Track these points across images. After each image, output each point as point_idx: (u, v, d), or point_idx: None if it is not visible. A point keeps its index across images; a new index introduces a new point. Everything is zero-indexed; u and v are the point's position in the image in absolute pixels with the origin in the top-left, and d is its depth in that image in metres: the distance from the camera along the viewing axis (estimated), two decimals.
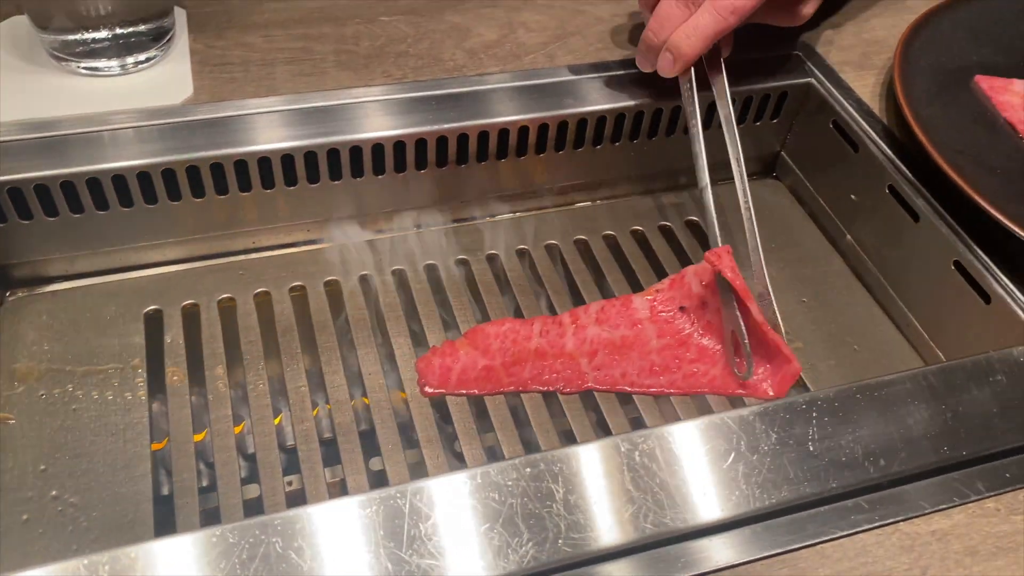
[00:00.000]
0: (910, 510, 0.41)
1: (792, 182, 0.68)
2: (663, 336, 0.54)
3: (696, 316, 0.55)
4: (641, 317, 0.55)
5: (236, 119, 0.54)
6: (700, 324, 0.55)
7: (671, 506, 0.39)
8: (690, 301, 0.55)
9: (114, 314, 0.54)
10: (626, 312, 0.55)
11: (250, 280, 0.57)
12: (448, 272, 0.59)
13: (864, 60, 0.66)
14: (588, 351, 0.54)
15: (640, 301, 0.56)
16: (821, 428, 0.42)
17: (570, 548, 0.37)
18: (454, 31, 0.64)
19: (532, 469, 0.39)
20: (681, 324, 0.55)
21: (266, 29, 0.63)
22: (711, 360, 0.54)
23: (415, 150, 0.56)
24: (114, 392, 0.50)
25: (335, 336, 0.54)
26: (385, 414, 0.51)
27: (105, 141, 0.52)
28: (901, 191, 0.57)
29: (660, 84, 0.60)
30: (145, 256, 0.56)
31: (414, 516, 0.37)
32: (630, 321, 0.55)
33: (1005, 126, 0.58)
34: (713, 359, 0.54)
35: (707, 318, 0.55)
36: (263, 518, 0.36)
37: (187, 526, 0.45)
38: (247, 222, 0.57)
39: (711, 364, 0.54)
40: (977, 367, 0.46)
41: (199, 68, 0.59)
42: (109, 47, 0.56)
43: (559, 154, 0.60)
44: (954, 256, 0.53)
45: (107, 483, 0.46)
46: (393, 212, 0.60)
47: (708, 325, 0.55)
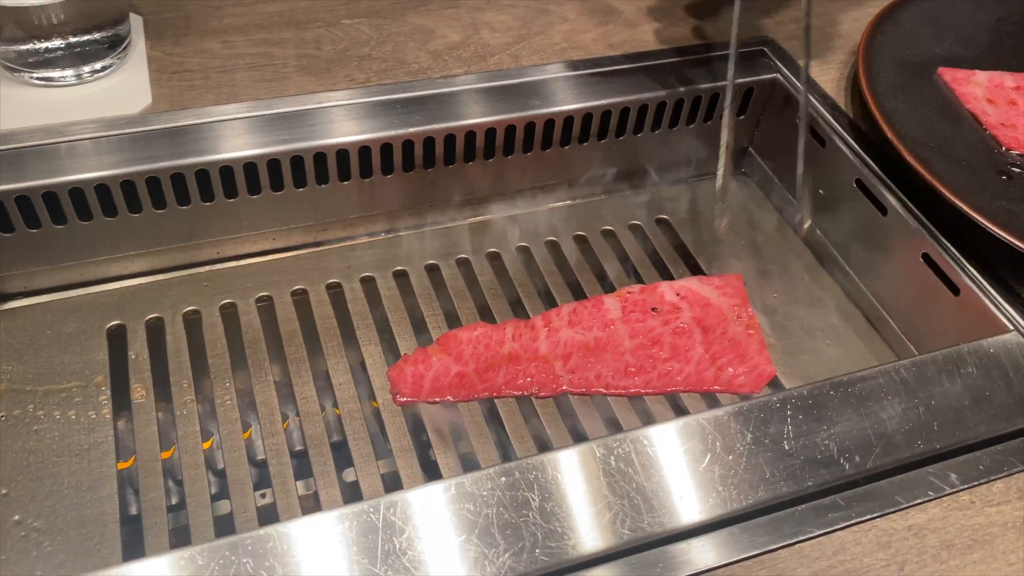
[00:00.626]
0: (886, 506, 0.41)
1: (760, 178, 0.68)
2: (636, 336, 0.54)
3: (668, 317, 0.55)
4: (613, 318, 0.55)
5: (196, 127, 0.53)
6: (672, 325, 0.55)
7: (648, 510, 0.38)
8: (662, 304, 0.55)
9: (75, 330, 0.53)
10: (598, 313, 0.55)
11: (215, 291, 0.56)
12: (418, 278, 0.58)
13: (829, 55, 0.66)
14: (562, 354, 0.53)
15: (612, 302, 0.55)
16: (796, 426, 0.42)
17: (547, 557, 0.37)
18: (417, 33, 0.63)
19: (507, 478, 0.38)
20: (653, 324, 0.55)
21: (225, 35, 0.61)
22: (685, 359, 0.54)
23: (381, 155, 0.56)
24: (77, 411, 0.49)
25: (304, 346, 0.53)
26: (357, 424, 0.50)
27: (62, 153, 0.51)
28: (868, 185, 0.57)
29: (626, 82, 0.59)
30: (106, 270, 0.55)
31: (388, 530, 0.36)
32: (602, 322, 0.54)
33: (968, 117, 0.59)
34: (687, 358, 0.54)
35: (679, 321, 0.55)
36: (233, 538, 0.35)
37: (156, 547, 0.44)
38: (210, 232, 0.56)
39: (685, 363, 0.54)
40: (948, 360, 0.46)
41: (157, 76, 0.57)
42: (63, 56, 0.55)
43: (527, 155, 0.60)
44: (923, 249, 0.53)
45: (72, 505, 0.45)
46: (360, 218, 0.59)
47: (679, 329, 0.55)
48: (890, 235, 0.56)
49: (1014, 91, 0.61)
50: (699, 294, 0.57)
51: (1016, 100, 0.60)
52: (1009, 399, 0.45)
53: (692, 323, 0.55)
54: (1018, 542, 0.41)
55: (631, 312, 0.55)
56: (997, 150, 0.56)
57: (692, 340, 0.55)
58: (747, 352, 0.54)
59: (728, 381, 0.54)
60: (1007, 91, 0.61)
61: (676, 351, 0.54)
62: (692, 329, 0.55)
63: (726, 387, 0.54)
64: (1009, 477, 0.43)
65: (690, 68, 0.62)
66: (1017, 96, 0.60)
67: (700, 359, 0.54)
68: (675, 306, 0.56)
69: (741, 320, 0.56)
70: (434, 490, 0.38)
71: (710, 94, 0.62)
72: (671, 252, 0.62)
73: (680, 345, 0.54)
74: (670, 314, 0.55)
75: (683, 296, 0.56)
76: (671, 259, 0.61)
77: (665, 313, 0.55)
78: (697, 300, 0.56)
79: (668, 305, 0.56)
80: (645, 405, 0.53)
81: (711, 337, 0.55)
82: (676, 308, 0.56)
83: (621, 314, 0.55)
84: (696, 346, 0.54)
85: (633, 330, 0.55)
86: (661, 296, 0.56)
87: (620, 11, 0.68)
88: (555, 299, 0.58)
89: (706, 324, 0.55)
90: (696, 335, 0.55)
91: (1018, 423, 0.44)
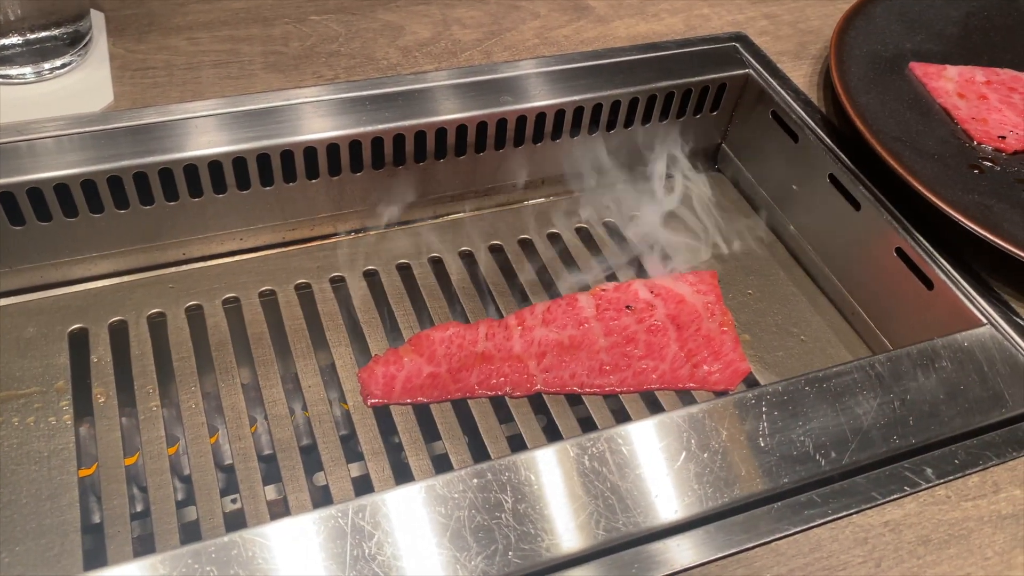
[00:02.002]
0: (862, 502, 0.41)
1: (734, 174, 0.68)
2: (610, 335, 0.54)
3: (643, 315, 0.54)
4: (587, 316, 0.54)
5: (160, 125, 0.52)
6: (647, 323, 0.54)
7: (623, 510, 0.38)
8: (636, 302, 0.55)
9: (35, 334, 0.51)
10: (572, 312, 0.54)
11: (180, 293, 0.54)
12: (389, 277, 0.57)
13: (801, 50, 0.66)
14: (536, 353, 0.53)
15: (586, 300, 0.55)
16: (771, 423, 0.42)
17: (521, 560, 0.36)
18: (387, 29, 0.62)
19: (479, 480, 0.38)
20: (627, 322, 0.54)
21: (190, 31, 0.60)
22: (659, 357, 0.53)
23: (350, 152, 0.55)
24: (37, 417, 0.47)
25: (272, 348, 0.52)
26: (327, 427, 0.49)
27: (20, 152, 0.49)
28: (841, 180, 0.57)
29: (599, 79, 0.59)
30: (67, 272, 0.54)
31: (357, 535, 0.35)
32: (577, 321, 0.54)
33: (940, 112, 0.59)
34: (662, 355, 0.53)
35: (653, 318, 0.54)
36: (196, 545, 0.34)
37: (119, 556, 0.42)
38: (175, 233, 0.54)
39: (660, 360, 0.53)
40: (923, 354, 0.46)
41: (120, 73, 0.56)
42: (22, 53, 0.53)
43: (499, 152, 0.59)
44: (896, 243, 0.53)
45: (31, 514, 0.43)
46: (329, 217, 0.58)
47: (654, 327, 0.54)
48: (863, 230, 0.55)
49: (984, 86, 0.61)
50: (673, 291, 0.56)
51: (986, 95, 0.60)
52: (983, 393, 0.45)
53: (666, 320, 0.55)
54: (994, 536, 0.40)
55: (605, 310, 0.55)
56: (968, 144, 0.56)
57: (667, 338, 0.54)
58: (722, 349, 0.54)
59: (703, 378, 0.53)
60: (977, 86, 0.61)
61: (651, 349, 0.54)
62: (666, 327, 0.54)
63: (701, 384, 0.53)
64: (984, 471, 0.43)
65: (662, 64, 0.61)
66: (987, 91, 0.60)
67: (675, 357, 0.53)
68: (649, 304, 0.55)
69: (715, 317, 0.56)
70: (404, 493, 0.37)
71: (682, 90, 0.62)
72: (646, 250, 0.61)
73: (655, 343, 0.54)
74: (644, 312, 0.55)
75: (657, 294, 0.56)
76: (651, 267, 0.61)
77: (639, 311, 0.55)
78: (671, 297, 0.56)
79: (642, 303, 0.55)
80: (620, 403, 0.52)
81: (685, 335, 0.54)
82: (650, 306, 0.55)
83: (595, 312, 0.54)
84: (671, 344, 0.54)
85: (607, 328, 0.54)
86: (635, 294, 0.56)
87: (592, 7, 0.67)
88: (529, 298, 0.57)
89: (680, 321, 0.55)
90: (671, 333, 0.54)
91: (992, 417, 0.44)
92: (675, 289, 0.56)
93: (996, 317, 0.48)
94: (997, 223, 0.50)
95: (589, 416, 0.52)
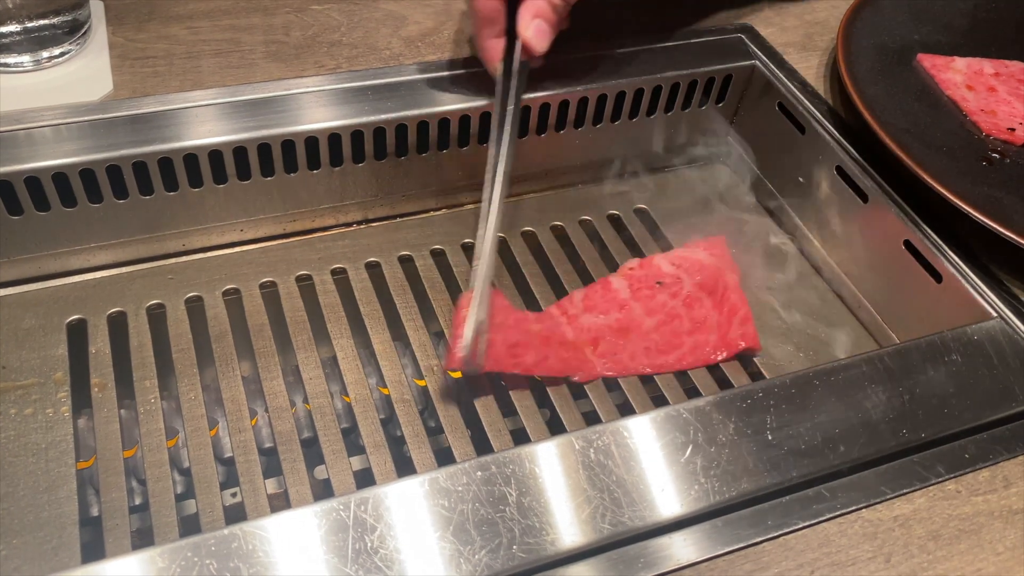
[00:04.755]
0: (872, 496, 0.40)
1: (739, 166, 0.67)
2: (653, 313, 0.54)
3: (675, 288, 0.55)
4: (625, 298, 0.54)
5: (160, 115, 0.51)
6: (681, 295, 0.54)
7: (629, 504, 0.37)
8: (663, 277, 0.55)
9: (33, 326, 0.51)
10: (609, 295, 0.54)
11: (180, 284, 0.54)
12: (391, 269, 0.56)
13: (807, 41, 0.65)
14: (589, 340, 0.52)
15: (618, 281, 0.55)
16: (779, 416, 0.41)
17: (525, 554, 0.35)
18: (389, 19, 0.62)
19: (483, 472, 0.37)
20: (663, 299, 0.54)
21: (190, 20, 0.60)
22: (706, 329, 0.54)
23: (351, 143, 0.54)
24: (35, 408, 0.47)
25: (273, 340, 0.52)
26: (328, 420, 0.48)
27: (19, 141, 0.49)
28: (849, 172, 0.56)
29: (609, 68, 0.58)
30: (66, 263, 0.53)
31: (359, 528, 0.35)
32: (617, 303, 0.54)
33: (948, 103, 0.58)
34: (707, 327, 0.54)
35: (685, 291, 0.55)
36: (195, 538, 0.34)
37: (117, 549, 0.42)
38: (175, 223, 0.54)
39: (708, 332, 0.54)
40: (932, 347, 0.45)
41: (119, 62, 0.55)
42: (20, 41, 0.53)
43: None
44: (904, 236, 0.52)
45: (29, 507, 0.43)
46: (330, 208, 0.57)
47: (688, 297, 0.54)
48: (871, 222, 0.55)
49: (993, 77, 0.60)
50: (692, 259, 0.57)
51: (995, 86, 0.59)
52: (993, 387, 0.44)
53: (696, 290, 0.55)
54: (1005, 531, 0.40)
55: (639, 289, 0.55)
56: (977, 136, 0.56)
57: (704, 307, 0.55)
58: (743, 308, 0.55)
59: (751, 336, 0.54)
60: (986, 77, 0.60)
61: (695, 322, 0.54)
62: (699, 296, 0.55)
63: (751, 342, 0.54)
64: (995, 465, 0.42)
65: (667, 55, 0.61)
66: (996, 82, 0.60)
67: (719, 323, 0.54)
68: (675, 277, 0.55)
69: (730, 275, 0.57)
70: (407, 486, 0.36)
71: (688, 80, 0.61)
72: (649, 243, 0.61)
73: (696, 316, 0.54)
74: (674, 285, 0.55)
75: (679, 265, 0.56)
76: (648, 246, 0.60)
77: (669, 285, 0.55)
78: (693, 266, 0.56)
79: (669, 276, 0.55)
80: (624, 396, 0.51)
81: (717, 298, 0.55)
82: (677, 279, 0.55)
83: (631, 293, 0.54)
84: (710, 312, 0.54)
85: (648, 308, 0.54)
86: (659, 269, 0.56)
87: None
88: (533, 291, 0.56)
89: (708, 287, 0.55)
90: (705, 301, 0.55)
91: (1003, 411, 0.44)
92: (693, 256, 0.57)
93: (1005, 310, 0.48)
94: (1007, 215, 0.49)
95: (593, 409, 0.51)
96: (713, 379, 0.53)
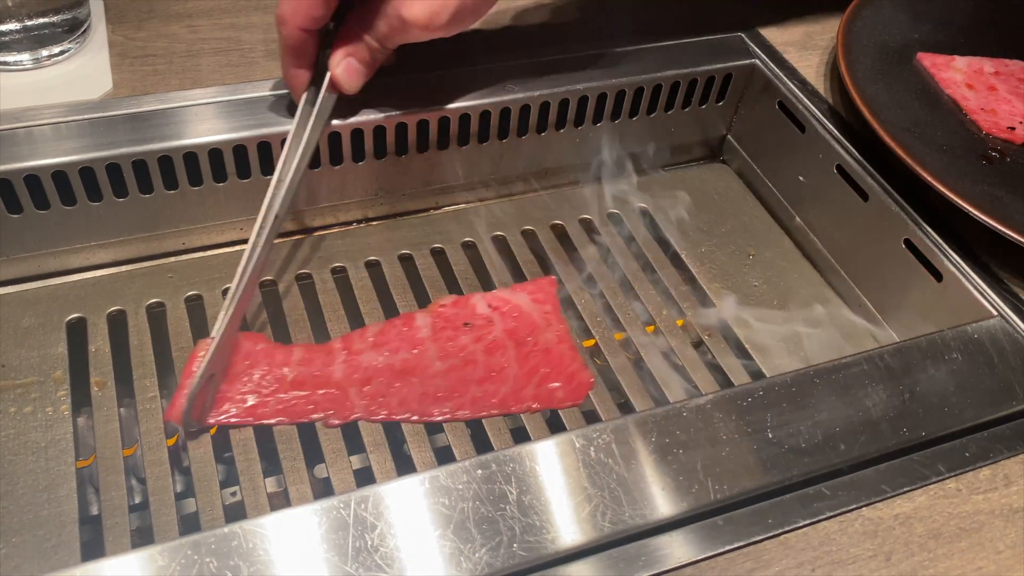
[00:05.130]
0: (872, 494, 0.40)
1: (739, 165, 0.67)
2: (447, 357, 0.51)
3: (482, 331, 0.52)
4: (423, 337, 0.51)
5: (159, 113, 0.51)
6: (485, 340, 0.51)
7: (629, 502, 0.37)
8: (474, 319, 0.52)
9: (33, 324, 0.50)
10: (407, 332, 0.51)
11: (180, 283, 0.54)
12: (391, 268, 0.56)
13: (807, 40, 0.65)
14: (359, 379, 0.49)
15: (423, 318, 0.52)
16: (779, 414, 0.41)
17: (525, 552, 0.35)
18: None
19: (483, 471, 0.37)
20: (464, 341, 0.51)
21: (190, 19, 0.60)
22: (500, 378, 0.50)
23: (351, 141, 0.54)
24: (34, 407, 0.47)
25: (272, 339, 0.51)
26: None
27: (18, 139, 0.49)
28: (849, 171, 0.56)
29: (603, 67, 0.58)
30: (66, 261, 0.53)
31: (359, 526, 0.35)
32: (411, 343, 0.51)
33: (949, 102, 0.58)
34: (502, 376, 0.50)
35: (492, 336, 0.52)
36: (195, 536, 0.34)
37: (117, 548, 0.42)
38: (175, 222, 0.54)
39: (500, 383, 0.50)
40: (932, 346, 0.45)
41: (119, 61, 0.55)
42: (20, 40, 0.53)
43: (503, 141, 0.58)
44: (904, 235, 0.52)
45: (28, 506, 0.43)
46: (330, 207, 0.57)
47: (492, 345, 0.51)
48: (871, 221, 0.55)
49: (993, 76, 0.60)
50: (512, 303, 0.54)
51: (995, 85, 0.59)
52: (994, 385, 0.44)
53: (504, 336, 0.52)
54: (1006, 530, 0.40)
55: (442, 329, 0.52)
56: (977, 135, 0.56)
57: (506, 357, 0.51)
58: (562, 361, 0.51)
59: (548, 396, 0.50)
60: (986, 76, 0.60)
61: (490, 370, 0.50)
62: (505, 344, 0.52)
63: (547, 403, 0.50)
64: (996, 464, 0.42)
65: (667, 53, 0.61)
66: (996, 81, 0.60)
67: (516, 377, 0.50)
68: (488, 319, 0.52)
69: (552, 327, 0.53)
70: (407, 484, 0.36)
71: (688, 79, 0.61)
72: (648, 239, 0.61)
73: (494, 363, 0.51)
74: (483, 329, 0.52)
75: (495, 307, 0.53)
76: (648, 246, 0.60)
77: (478, 328, 0.52)
78: (510, 310, 0.53)
79: (481, 319, 0.52)
80: (626, 395, 0.51)
81: (525, 350, 0.52)
82: (489, 321, 0.52)
83: (431, 332, 0.51)
84: (510, 363, 0.51)
85: (444, 350, 0.51)
86: (474, 309, 0.53)
87: None
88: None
89: (519, 336, 0.52)
90: (510, 350, 0.51)
91: (1003, 409, 0.44)
92: (513, 300, 0.54)
93: (1006, 309, 0.48)
94: (1007, 214, 0.49)
95: (593, 409, 0.51)
96: (713, 378, 0.53)
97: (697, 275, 0.59)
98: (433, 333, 0.51)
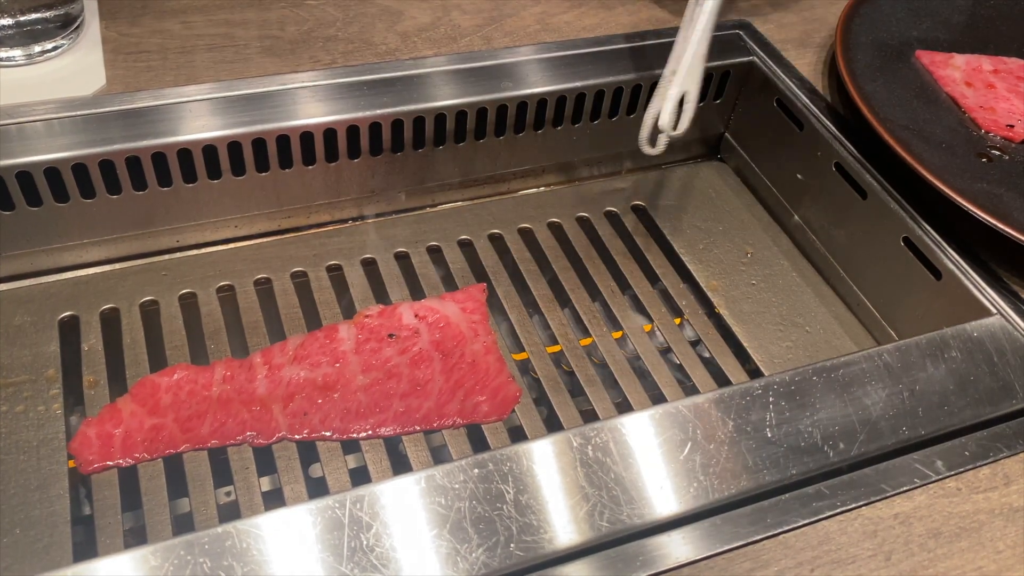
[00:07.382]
0: (872, 494, 0.40)
1: (737, 163, 0.67)
2: (370, 370, 0.49)
3: (407, 344, 0.50)
4: (345, 350, 0.49)
5: (153, 109, 0.51)
6: (410, 352, 0.50)
7: (627, 502, 0.37)
8: (400, 329, 0.51)
9: (25, 322, 0.50)
10: (329, 345, 0.49)
11: (174, 281, 0.53)
12: (387, 266, 0.56)
13: (805, 38, 0.65)
14: (283, 395, 0.47)
15: (346, 330, 0.50)
16: (778, 413, 0.41)
17: (523, 552, 0.35)
18: (385, 14, 0.61)
19: (480, 470, 0.37)
20: (389, 353, 0.49)
21: (184, 15, 0.59)
22: (424, 392, 0.49)
23: (347, 138, 0.53)
24: (26, 406, 0.46)
25: (267, 337, 0.51)
26: None
27: (11, 135, 0.48)
28: (848, 168, 0.56)
29: (600, 65, 0.58)
30: (58, 259, 0.53)
31: (355, 526, 0.34)
32: (333, 356, 0.49)
33: (947, 100, 0.58)
34: (426, 391, 0.49)
35: (417, 348, 0.50)
36: (188, 536, 0.33)
37: (109, 548, 0.41)
38: (168, 219, 0.53)
39: (424, 397, 0.49)
40: (932, 344, 0.45)
41: (112, 57, 0.55)
42: (12, 35, 0.52)
43: (499, 139, 0.58)
44: (903, 232, 0.52)
45: (20, 505, 0.42)
46: (326, 204, 0.57)
47: (417, 357, 0.50)
48: (870, 219, 0.55)
49: (992, 74, 0.60)
50: (439, 312, 0.52)
51: (994, 83, 0.59)
52: (994, 384, 0.44)
53: (431, 348, 0.50)
54: (1005, 529, 0.40)
55: (366, 341, 0.50)
56: (976, 133, 0.55)
57: (431, 369, 0.49)
58: (488, 374, 0.50)
59: (472, 411, 0.48)
60: (985, 74, 0.60)
61: (414, 384, 0.49)
62: (431, 356, 0.50)
63: (471, 418, 0.48)
64: (995, 463, 0.42)
65: (665, 51, 0.60)
66: (995, 79, 0.59)
67: (440, 391, 0.49)
68: (414, 330, 0.51)
69: (480, 338, 0.52)
70: (403, 483, 0.36)
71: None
72: (646, 237, 0.60)
73: (418, 377, 0.49)
74: (408, 340, 0.50)
75: (422, 317, 0.52)
76: (645, 244, 0.60)
77: (403, 340, 0.50)
78: (437, 321, 0.52)
79: (407, 329, 0.51)
80: (623, 394, 0.51)
81: (451, 362, 0.50)
82: (415, 332, 0.51)
83: (354, 345, 0.49)
84: (435, 376, 0.49)
85: (367, 363, 0.49)
86: (400, 319, 0.51)
87: None
88: (527, 284, 0.56)
89: (445, 348, 0.51)
90: (436, 363, 0.50)
91: (1003, 408, 0.44)
92: (441, 310, 0.52)
93: (1005, 307, 0.48)
94: (1006, 212, 0.49)
95: (591, 408, 0.51)
96: (711, 376, 0.53)
97: (695, 273, 0.59)
98: (356, 345, 0.49)
